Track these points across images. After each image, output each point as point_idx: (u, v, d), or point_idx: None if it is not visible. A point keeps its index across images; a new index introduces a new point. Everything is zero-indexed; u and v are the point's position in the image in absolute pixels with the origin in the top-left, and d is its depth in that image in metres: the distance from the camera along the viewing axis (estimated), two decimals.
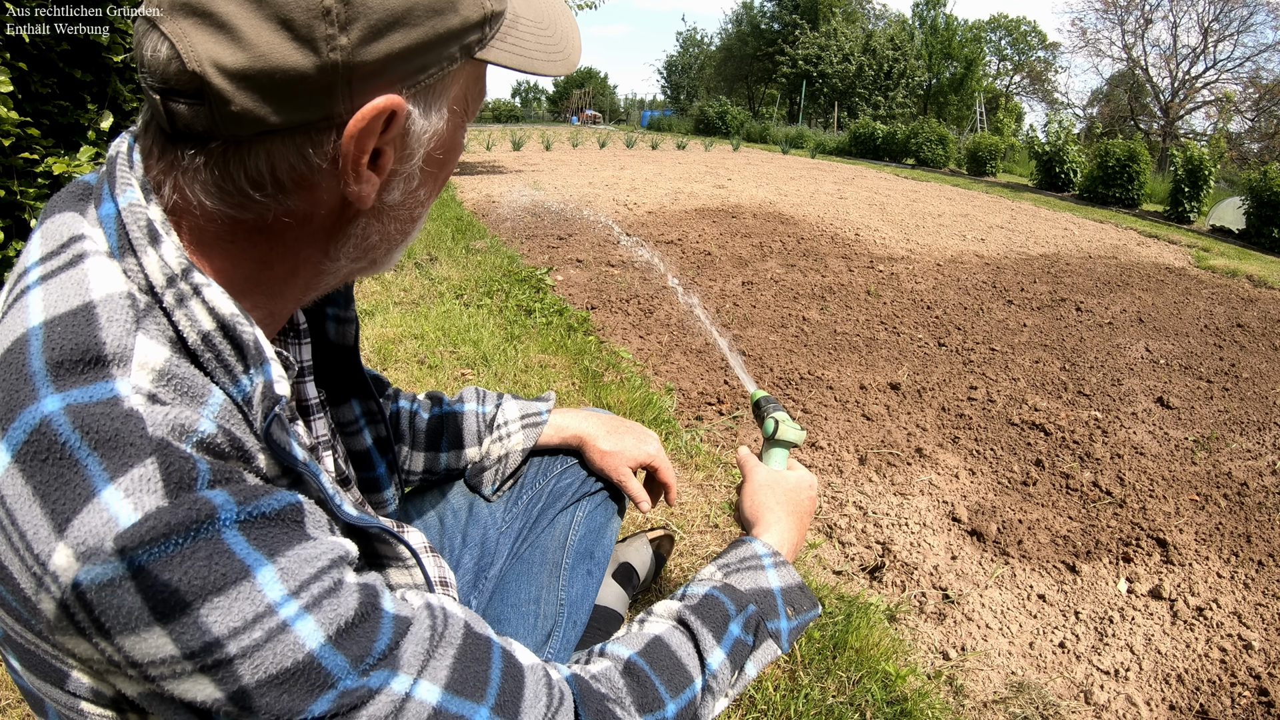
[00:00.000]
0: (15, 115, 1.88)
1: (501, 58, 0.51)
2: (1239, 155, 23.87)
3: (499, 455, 1.02)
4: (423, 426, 1.00)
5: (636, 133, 23.33)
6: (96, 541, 0.37)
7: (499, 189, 7.73)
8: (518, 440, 1.02)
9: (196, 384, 0.44)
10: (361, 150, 0.46)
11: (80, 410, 0.38)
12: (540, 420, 1.04)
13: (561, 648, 0.97)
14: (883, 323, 3.74)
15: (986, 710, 1.38)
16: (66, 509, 0.37)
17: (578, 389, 2.56)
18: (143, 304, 0.44)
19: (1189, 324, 4.12)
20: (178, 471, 0.39)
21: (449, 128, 0.51)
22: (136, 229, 0.45)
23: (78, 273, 0.43)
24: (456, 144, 0.54)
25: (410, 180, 0.52)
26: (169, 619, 0.38)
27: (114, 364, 0.41)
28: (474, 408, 1.02)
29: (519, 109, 57.95)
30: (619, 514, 1.10)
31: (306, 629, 0.41)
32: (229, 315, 0.45)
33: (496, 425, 1.02)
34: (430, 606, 0.50)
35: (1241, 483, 2.29)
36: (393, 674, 0.45)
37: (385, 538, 0.57)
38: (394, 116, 0.46)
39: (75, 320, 0.41)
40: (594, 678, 0.59)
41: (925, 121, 17.51)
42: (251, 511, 0.41)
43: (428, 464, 1.01)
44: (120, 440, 0.38)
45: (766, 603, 0.72)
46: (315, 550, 0.43)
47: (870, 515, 1.99)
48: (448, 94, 0.50)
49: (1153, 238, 7.43)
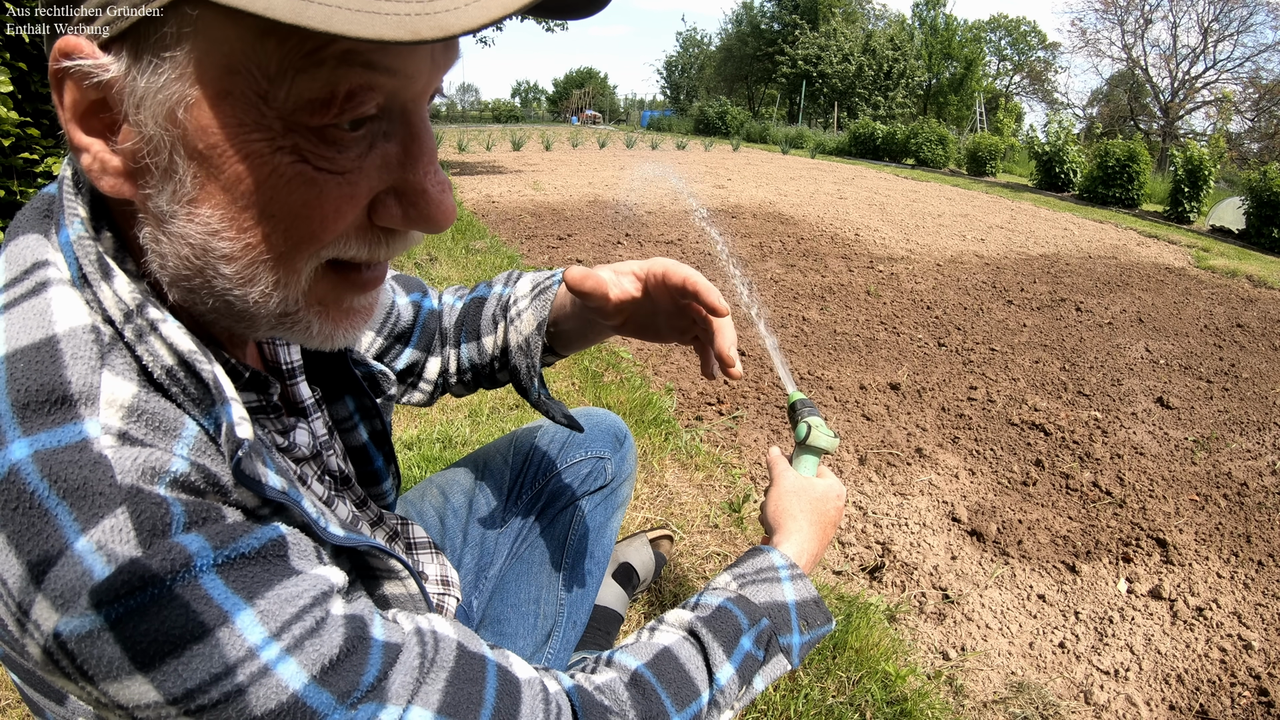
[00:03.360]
0: (15, 115, 1.88)
1: (274, 6, 0.33)
2: (1239, 155, 23.87)
3: (517, 344, 0.85)
4: (453, 321, 0.90)
5: (636, 133, 23.33)
6: (73, 595, 0.36)
7: (499, 189, 7.73)
8: (528, 319, 0.85)
9: (169, 417, 0.42)
10: (60, 92, 0.40)
11: (48, 457, 0.38)
12: (552, 284, 0.85)
13: (561, 648, 0.97)
14: (882, 323, 3.74)
15: (986, 710, 1.38)
16: (42, 562, 0.37)
17: (577, 389, 2.56)
18: (107, 337, 0.43)
19: (1189, 324, 4.12)
20: (149, 519, 0.38)
21: (212, 110, 0.38)
22: (88, 263, 0.44)
23: (40, 302, 0.42)
24: (232, 141, 0.38)
25: (172, 177, 0.40)
26: (150, 668, 0.37)
27: (81, 403, 0.40)
28: (497, 290, 0.90)
29: (519, 109, 57.96)
30: (619, 513, 1.10)
31: (289, 671, 0.41)
32: (186, 353, 0.43)
33: (509, 306, 0.87)
34: (420, 631, 0.50)
35: (1241, 483, 2.29)
36: (381, 705, 0.44)
37: (376, 553, 0.56)
38: (75, 60, 0.38)
39: (39, 356, 0.40)
40: (598, 689, 0.59)
41: (925, 122, 17.52)
42: (229, 554, 0.40)
43: (458, 362, 0.90)
44: (89, 489, 0.38)
45: (780, 617, 0.71)
46: (297, 588, 0.42)
47: (870, 515, 1.99)
48: (191, 56, 0.37)
49: (1152, 238, 7.43)
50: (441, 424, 2.19)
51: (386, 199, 0.44)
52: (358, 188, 0.42)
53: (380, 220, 0.44)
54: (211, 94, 0.38)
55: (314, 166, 0.40)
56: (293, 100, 0.38)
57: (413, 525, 0.87)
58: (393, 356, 0.86)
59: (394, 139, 0.43)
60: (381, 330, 0.83)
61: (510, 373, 0.88)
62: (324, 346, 0.48)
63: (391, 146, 0.43)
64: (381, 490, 0.78)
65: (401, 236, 0.46)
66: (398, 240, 0.46)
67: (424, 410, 2.30)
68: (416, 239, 0.48)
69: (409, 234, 0.47)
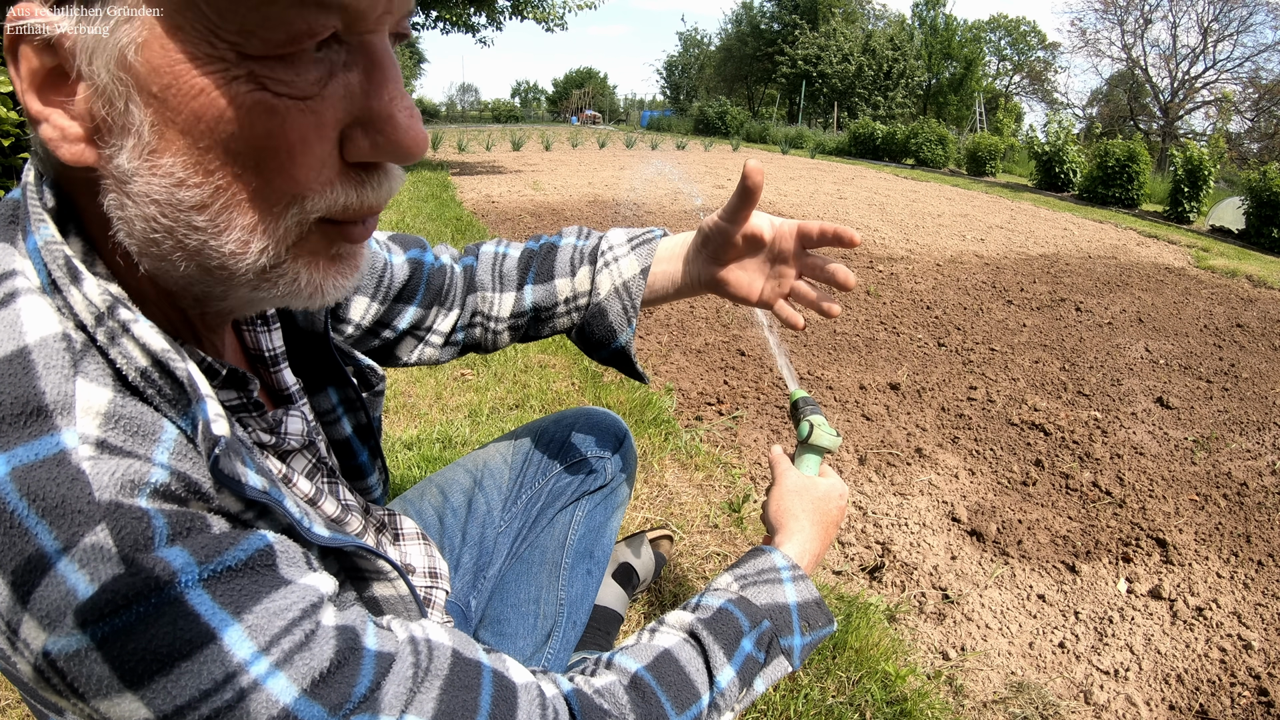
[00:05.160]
0: (15, 115, 1.88)
1: None
2: (1238, 155, 23.88)
3: (614, 287, 0.88)
4: (512, 266, 0.90)
5: (636, 133, 23.32)
6: (58, 614, 0.36)
7: (498, 189, 7.73)
8: (630, 263, 0.88)
9: (146, 420, 0.42)
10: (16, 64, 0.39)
11: (25, 474, 0.37)
12: (652, 237, 0.90)
13: (561, 648, 0.97)
14: (882, 323, 3.74)
15: (986, 710, 1.38)
16: (26, 581, 0.37)
17: (577, 389, 2.56)
18: (79, 343, 0.42)
19: (1189, 324, 4.12)
20: (131, 534, 0.38)
21: (162, 48, 0.37)
22: (56, 268, 0.43)
23: (9, 313, 0.41)
24: (186, 78, 0.37)
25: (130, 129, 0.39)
26: (139, 685, 0.37)
27: (57, 414, 0.39)
28: (571, 241, 0.91)
29: (519, 109, 57.98)
30: (619, 513, 1.10)
31: (279, 685, 0.41)
32: (159, 351, 0.43)
33: (601, 253, 0.89)
34: (414, 640, 0.50)
35: (1241, 483, 2.29)
36: (374, 716, 0.44)
37: (363, 554, 0.56)
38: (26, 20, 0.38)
39: (11, 368, 0.40)
40: (597, 692, 0.59)
41: (925, 122, 17.52)
42: (215, 568, 0.40)
43: (518, 304, 0.90)
44: (68, 507, 0.37)
45: (781, 618, 0.71)
46: (287, 600, 0.42)
47: (870, 515, 1.99)
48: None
49: (1152, 238, 7.43)
50: (441, 424, 2.19)
51: (354, 132, 0.42)
52: (322, 116, 0.40)
53: (350, 155, 0.43)
54: (161, 31, 0.37)
55: (273, 93, 0.38)
56: (229, 16, 0.37)
57: (400, 517, 0.87)
58: (395, 316, 0.83)
59: (355, 68, 0.41)
60: (376, 294, 0.80)
61: (590, 316, 0.90)
62: (313, 303, 0.47)
63: (353, 75, 0.41)
64: (367, 485, 0.78)
65: (382, 174, 0.45)
66: (379, 179, 0.45)
67: (424, 410, 2.31)
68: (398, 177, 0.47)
69: (390, 171, 0.45)
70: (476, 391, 2.44)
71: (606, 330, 0.89)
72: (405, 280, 0.83)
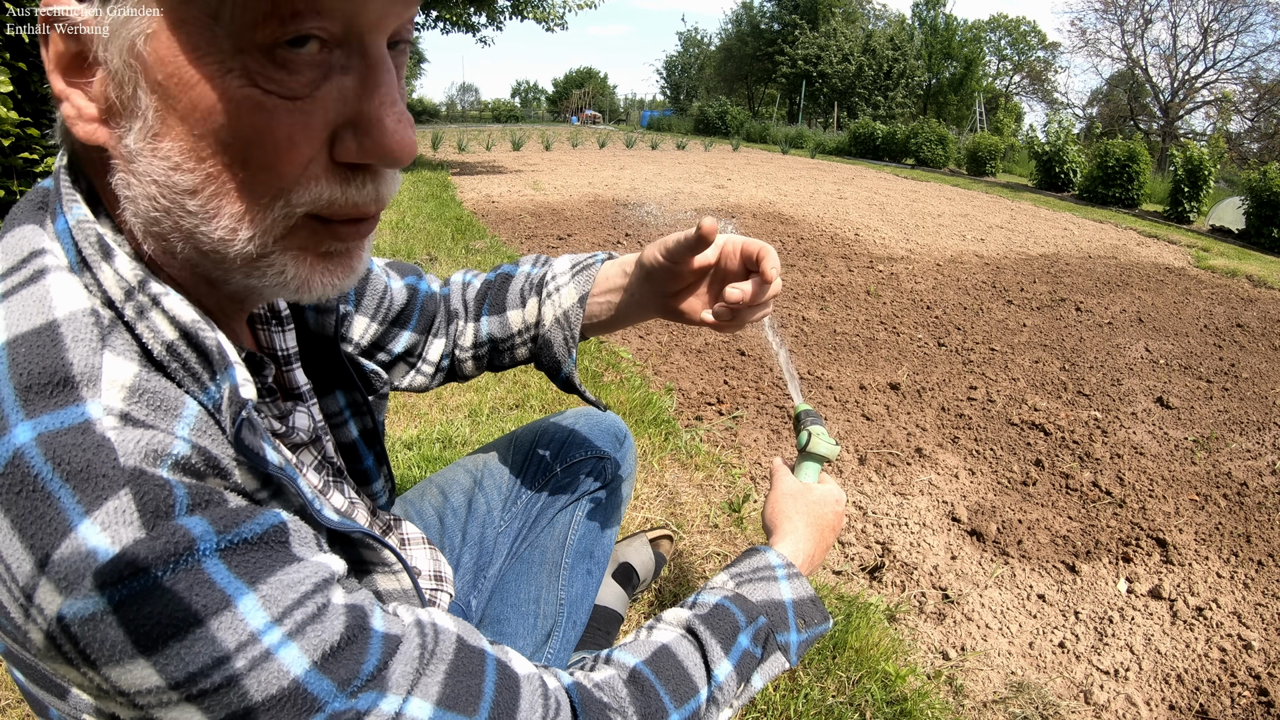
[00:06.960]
0: (15, 115, 1.88)
1: None
2: (1239, 155, 23.88)
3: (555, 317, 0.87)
4: (472, 296, 0.92)
5: (636, 133, 23.33)
6: (77, 576, 0.37)
7: (499, 189, 7.73)
8: (569, 293, 0.87)
9: (169, 396, 0.43)
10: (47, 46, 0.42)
11: (51, 440, 0.38)
12: (593, 263, 0.88)
13: (561, 648, 0.97)
14: (882, 323, 3.74)
15: (986, 710, 1.38)
16: (45, 543, 0.37)
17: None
18: (106, 319, 0.43)
19: (1189, 324, 4.12)
20: (153, 500, 0.39)
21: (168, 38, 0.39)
22: (88, 245, 0.44)
23: (39, 289, 0.43)
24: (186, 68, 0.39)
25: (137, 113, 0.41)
26: (152, 651, 0.38)
27: (83, 385, 0.40)
28: (526, 269, 0.92)
29: (519, 109, 58.00)
30: (619, 513, 1.10)
31: (290, 656, 0.41)
32: (189, 322, 0.44)
33: (545, 283, 0.89)
34: (420, 623, 0.50)
35: (1241, 483, 2.29)
36: (381, 695, 0.45)
37: (369, 542, 0.57)
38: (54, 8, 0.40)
39: (40, 340, 0.41)
40: (597, 686, 0.59)
41: (925, 121, 17.53)
42: (232, 539, 0.40)
43: (475, 335, 0.91)
44: (93, 471, 0.38)
45: (777, 615, 0.72)
46: (299, 574, 0.43)
47: (870, 515, 1.99)
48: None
49: (1152, 238, 7.43)
50: (441, 424, 2.19)
51: (344, 133, 0.43)
52: (311, 117, 0.41)
53: (339, 155, 0.44)
54: (168, 22, 0.39)
55: (263, 90, 0.40)
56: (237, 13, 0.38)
57: (405, 523, 0.87)
58: (391, 340, 0.85)
59: (351, 72, 0.42)
60: (376, 315, 0.83)
61: (539, 348, 0.89)
62: (300, 296, 0.48)
63: (349, 80, 0.42)
64: (372, 490, 0.78)
65: (369, 175, 0.45)
66: (365, 179, 0.45)
67: (424, 410, 2.30)
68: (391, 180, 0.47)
69: (381, 174, 0.46)
70: (476, 391, 2.44)
71: (553, 361, 0.89)
72: (403, 305, 0.85)
